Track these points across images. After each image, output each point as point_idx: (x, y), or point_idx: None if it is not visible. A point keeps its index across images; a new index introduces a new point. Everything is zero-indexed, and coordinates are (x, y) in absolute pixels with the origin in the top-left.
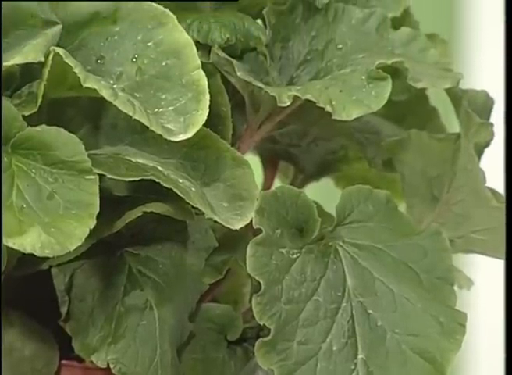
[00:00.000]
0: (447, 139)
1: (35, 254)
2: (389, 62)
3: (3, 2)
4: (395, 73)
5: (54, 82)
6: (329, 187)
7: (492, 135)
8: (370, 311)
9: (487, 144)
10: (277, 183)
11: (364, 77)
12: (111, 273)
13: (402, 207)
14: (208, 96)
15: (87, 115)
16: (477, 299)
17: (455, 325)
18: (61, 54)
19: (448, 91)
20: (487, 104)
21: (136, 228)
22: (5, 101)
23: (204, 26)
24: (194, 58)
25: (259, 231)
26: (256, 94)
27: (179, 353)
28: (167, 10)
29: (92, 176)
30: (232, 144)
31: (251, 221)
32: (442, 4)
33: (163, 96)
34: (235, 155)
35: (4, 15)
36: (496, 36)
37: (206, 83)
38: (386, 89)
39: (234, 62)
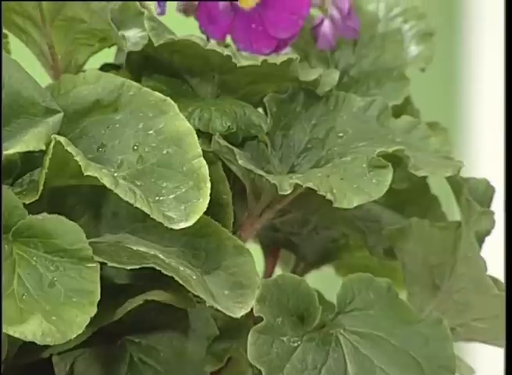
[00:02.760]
0: (448, 227)
1: (36, 342)
2: (390, 150)
3: (4, 92)
4: (396, 161)
5: (55, 170)
6: (330, 275)
7: (493, 223)
8: None
9: (488, 233)
10: (278, 271)
11: (365, 165)
12: (112, 362)
13: (403, 295)
14: (209, 184)
15: (88, 203)
16: None
17: None
18: (62, 142)
19: (449, 179)
20: (488, 192)
21: (137, 316)
22: (6, 190)
23: (205, 115)
24: (195, 146)
25: (260, 319)
26: (257, 182)
27: None
28: (168, 98)
29: (93, 265)
30: (234, 232)
31: (252, 309)
32: (443, 92)
33: (164, 184)
34: (236, 243)
35: (5, 103)
36: (497, 125)
37: (207, 171)
38: (387, 177)
39: (235, 150)
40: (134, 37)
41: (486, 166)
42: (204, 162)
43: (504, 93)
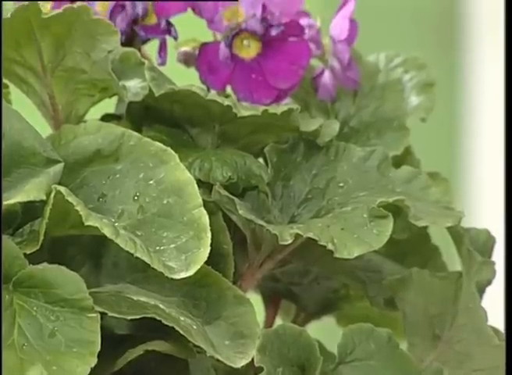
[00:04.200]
0: (449, 277)
1: None
2: (391, 200)
3: (4, 143)
4: (396, 211)
5: (55, 220)
6: (331, 326)
7: (493, 274)
8: None
9: (489, 283)
10: (278, 321)
11: (365, 215)
12: None
13: (403, 345)
14: (209, 234)
15: (88, 253)
16: None
17: None
18: (63, 192)
19: (449, 229)
20: (488, 242)
21: (137, 366)
22: (7, 240)
23: (205, 165)
24: (196, 196)
25: (261, 369)
26: (258, 232)
27: None
28: (168, 148)
29: (94, 314)
30: (234, 282)
31: (253, 359)
32: (443, 143)
33: (164, 234)
34: (236, 293)
35: (6, 154)
36: (497, 175)
37: (207, 221)
38: (388, 227)
39: (236, 200)
40: (135, 87)
41: (486, 215)
42: (205, 211)
43: (504, 143)
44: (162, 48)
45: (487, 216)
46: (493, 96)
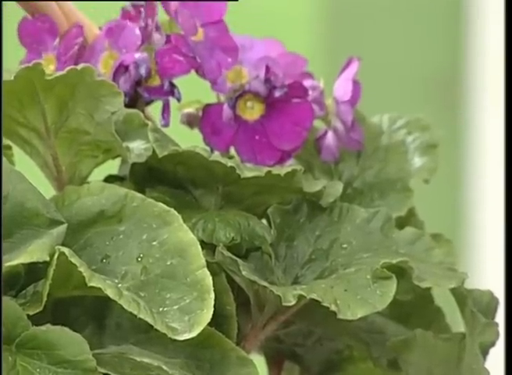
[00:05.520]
0: (452, 339)
1: None
2: (394, 261)
3: (7, 204)
4: (400, 272)
5: (59, 281)
6: None
7: (497, 335)
8: None
9: (492, 344)
10: None
11: (369, 276)
12: None
13: None
14: (212, 295)
15: (91, 314)
16: None
17: None
18: (66, 253)
19: (453, 290)
20: (492, 304)
21: None
22: (10, 301)
23: (208, 226)
24: (199, 257)
25: None
26: (261, 293)
27: None
28: (172, 209)
29: None
30: (238, 344)
31: None
32: (447, 204)
33: (168, 295)
34: (240, 354)
35: (8, 215)
36: (500, 236)
37: (211, 282)
38: (391, 288)
39: (239, 261)
40: (138, 148)
41: (489, 277)
42: (208, 273)
43: (504, 205)
44: (165, 109)
45: (490, 278)
46: (496, 157)
